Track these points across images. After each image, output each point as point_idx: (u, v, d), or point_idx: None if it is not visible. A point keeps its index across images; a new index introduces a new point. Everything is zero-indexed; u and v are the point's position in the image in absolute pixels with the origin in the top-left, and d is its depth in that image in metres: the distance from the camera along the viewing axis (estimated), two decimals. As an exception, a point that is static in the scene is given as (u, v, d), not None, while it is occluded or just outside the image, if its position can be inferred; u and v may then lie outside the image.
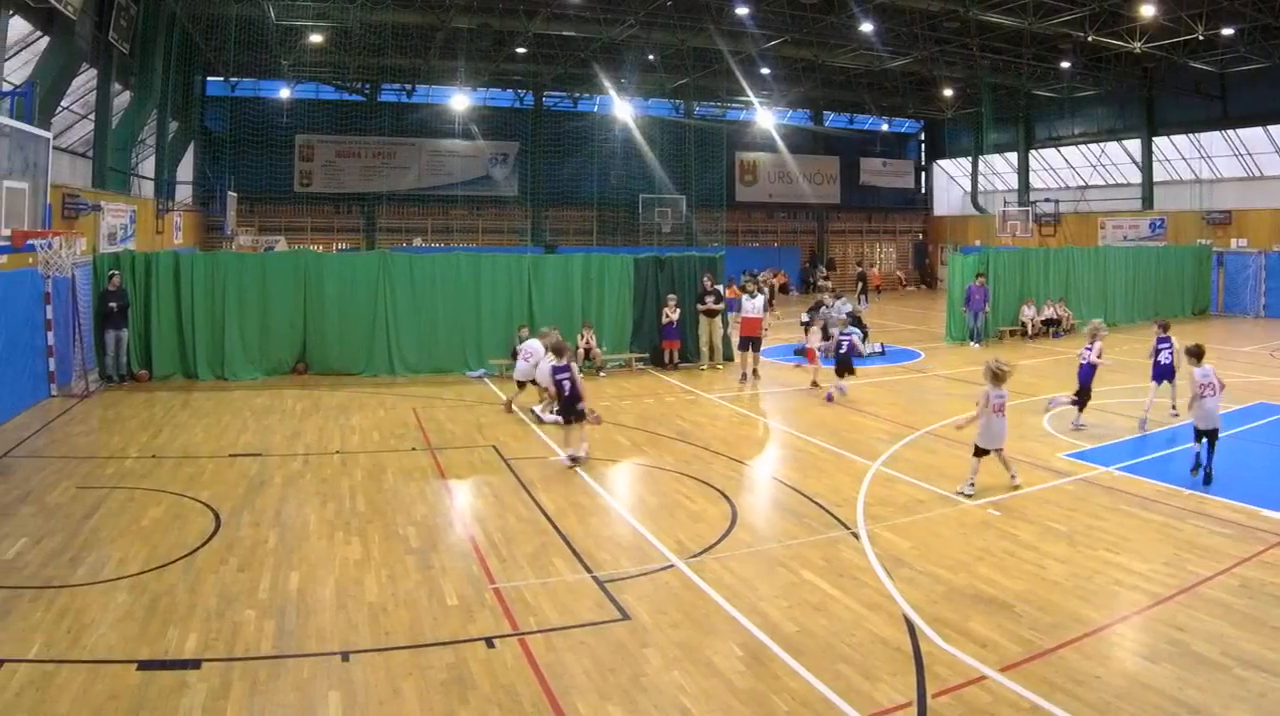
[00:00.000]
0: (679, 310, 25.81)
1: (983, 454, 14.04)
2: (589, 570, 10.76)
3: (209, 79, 46.91)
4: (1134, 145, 50.11)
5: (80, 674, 8.06)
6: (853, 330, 23.25)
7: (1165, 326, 19.32)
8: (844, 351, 21.85)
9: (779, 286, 51.50)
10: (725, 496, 13.85)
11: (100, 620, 9.19)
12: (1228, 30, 36.22)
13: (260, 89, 49.50)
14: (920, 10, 38.33)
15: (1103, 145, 52.23)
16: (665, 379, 24.43)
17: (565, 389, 15.78)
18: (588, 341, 24.75)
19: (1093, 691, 7.89)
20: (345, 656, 8.53)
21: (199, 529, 12.05)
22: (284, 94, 49.43)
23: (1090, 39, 37.96)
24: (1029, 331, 32.76)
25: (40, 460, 15.57)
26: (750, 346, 24.17)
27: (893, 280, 61.97)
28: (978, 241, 55.10)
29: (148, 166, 35.75)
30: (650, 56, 47.01)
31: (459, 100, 50.88)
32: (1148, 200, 49.25)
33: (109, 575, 10.39)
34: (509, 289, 25.39)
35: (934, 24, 40.74)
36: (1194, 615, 9.42)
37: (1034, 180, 56.56)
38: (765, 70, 48.56)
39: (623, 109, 52.73)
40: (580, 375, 16.30)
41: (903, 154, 65.09)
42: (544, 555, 11.26)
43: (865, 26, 38.35)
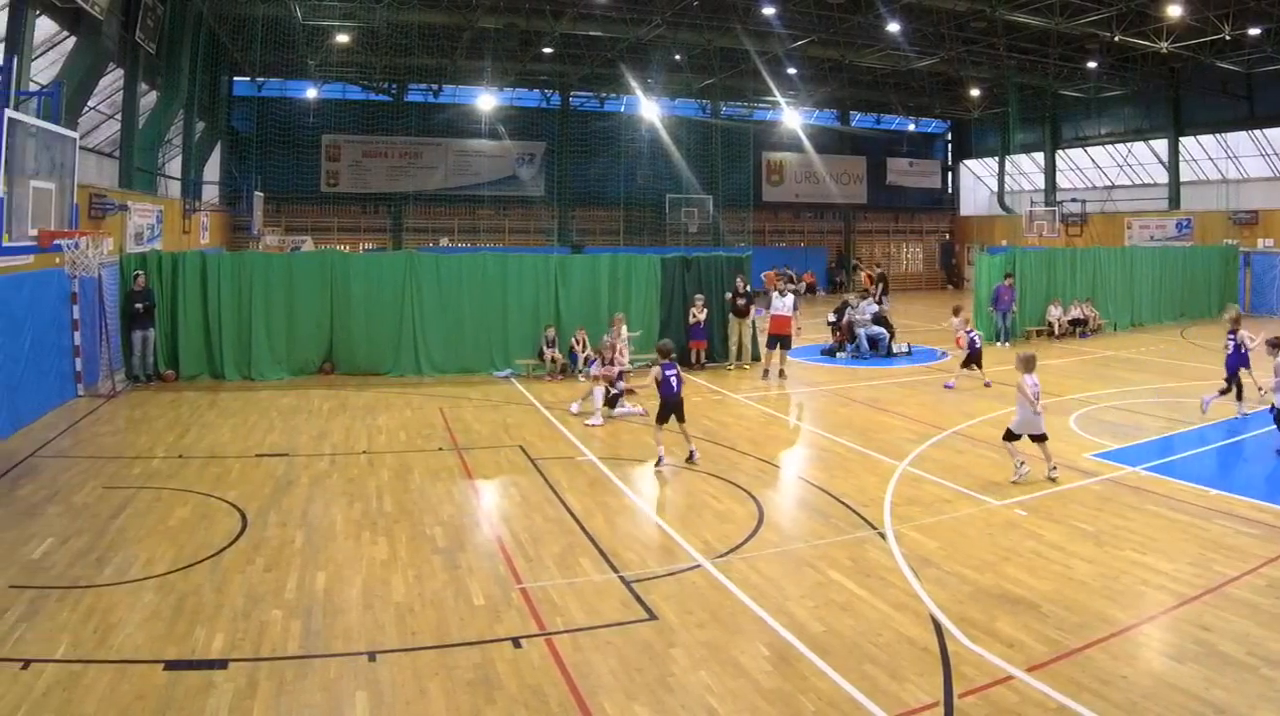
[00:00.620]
0: (706, 310, 25.72)
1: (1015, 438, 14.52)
2: (615, 570, 10.74)
3: (235, 79, 47.13)
4: (1160, 145, 49.76)
5: (107, 674, 8.08)
6: (977, 333, 23.72)
7: (1236, 319, 19.62)
8: (978, 347, 22.91)
9: (807, 287, 51.46)
10: (752, 496, 13.83)
11: (127, 620, 9.22)
12: (1254, 30, 35.89)
13: (287, 89, 49.73)
14: (947, 10, 38.13)
15: (1129, 145, 51.86)
16: (692, 379, 24.30)
17: (674, 387, 15.64)
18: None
19: (1119, 691, 7.85)
20: (372, 656, 8.53)
21: (226, 529, 12.10)
22: (310, 94, 49.66)
23: (1117, 39, 37.75)
24: (1055, 331, 32.59)
25: (67, 460, 15.65)
26: (779, 344, 24.15)
27: (915, 279, 61.90)
28: (1004, 241, 54.92)
29: (174, 166, 35.99)
30: (677, 56, 47.00)
31: (485, 100, 50.99)
32: (1174, 200, 48.91)
33: (136, 575, 10.43)
34: (536, 289, 25.41)
35: (961, 24, 40.57)
36: (1220, 615, 9.37)
37: (1060, 180, 56.29)
38: (792, 70, 48.52)
39: (649, 109, 52.70)
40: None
41: (929, 154, 64.88)
42: (570, 555, 11.26)
43: (892, 26, 38.21)
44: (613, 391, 19.45)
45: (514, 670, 8.31)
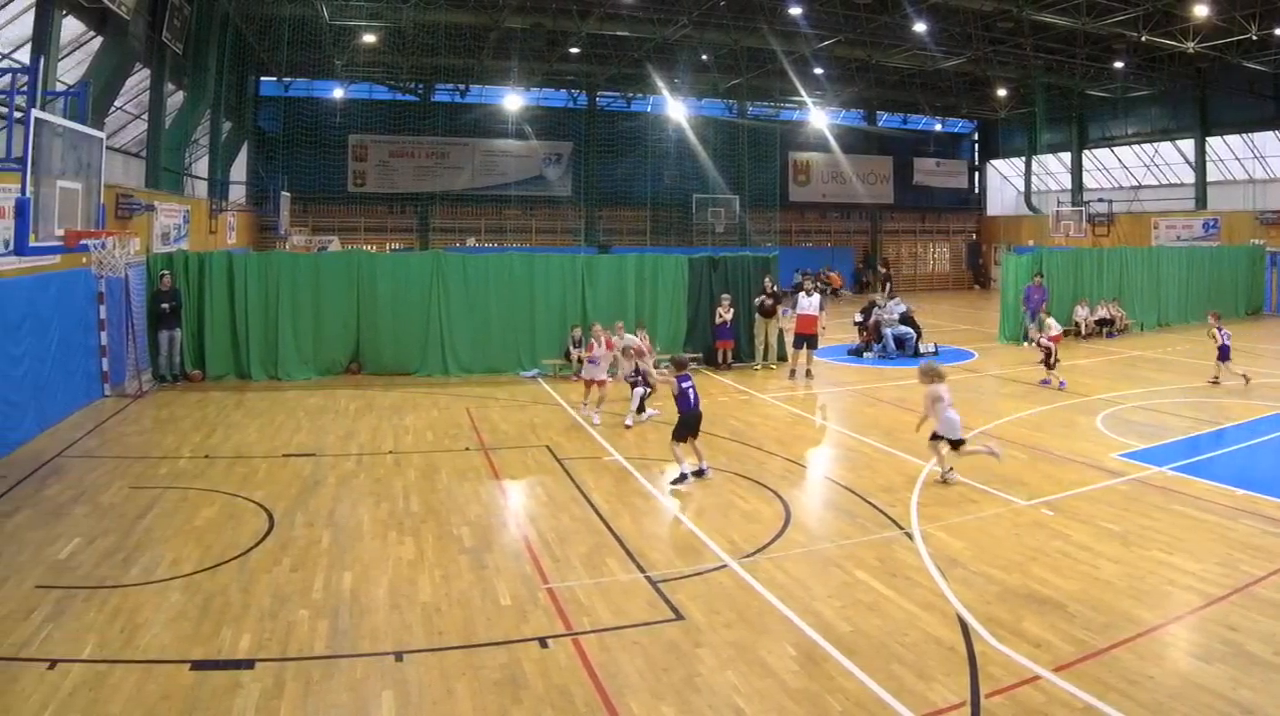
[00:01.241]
0: (732, 310, 25.66)
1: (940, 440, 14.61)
2: (642, 570, 10.73)
3: (262, 79, 47.48)
4: (1187, 145, 49.53)
5: (133, 674, 8.11)
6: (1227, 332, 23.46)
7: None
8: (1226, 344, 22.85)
9: (831, 289, 51.40)
10: (779, 496, 13.79)
11: (153, 620, 9.25)
12: (1281, 30, 35.76)
13: (313, 89, 49.95)
14: (974, 10, 38.08)
15: (1156, 145, 51.68)
16: (719, 379, 24.34)
17: (691, 401, 15.10)
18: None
19: (1146, 691, 7.81)
20: (399, 656, 8.55)
21: (252, 529, 12.13)
22: (337, 94, 49.95)
23: (1144, 39, 37.60)
24: (1082, 331, 32.44)
25: (93, 460, 15.73)
26: (805, 344, 24.12)
27: (942, 279, 61.87)
28: (1031, 241, 54.62)
29: (201, 166, 36.16)
30: (704, 56, 46.97)
31: (512, 100, 51.05)
32: (1201, 200, 48.65)
33: (162, 575, 10.47)
34: (563, 289, 25.42)
35: (988, 24, 40.50)
36: (1247, 615, 9.31)
37: (1087, 180, 56.07)
38: (818, 70, 48.35)
39: (676, 109, 52.79)
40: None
41: (956, 154, 64.67)
42: (597, 555, 11.25)
43: (919, 26, 38.16)
44: (639, 391, 19.19)
45: (541, 670, 8.31)
